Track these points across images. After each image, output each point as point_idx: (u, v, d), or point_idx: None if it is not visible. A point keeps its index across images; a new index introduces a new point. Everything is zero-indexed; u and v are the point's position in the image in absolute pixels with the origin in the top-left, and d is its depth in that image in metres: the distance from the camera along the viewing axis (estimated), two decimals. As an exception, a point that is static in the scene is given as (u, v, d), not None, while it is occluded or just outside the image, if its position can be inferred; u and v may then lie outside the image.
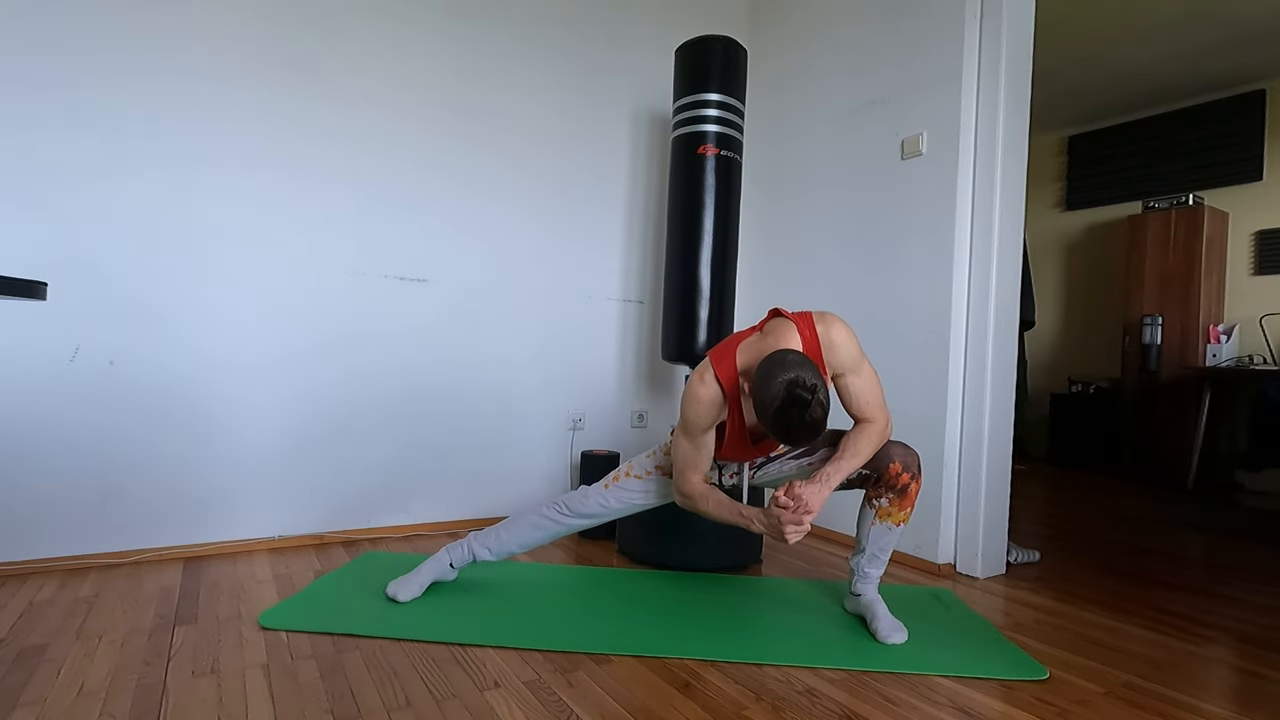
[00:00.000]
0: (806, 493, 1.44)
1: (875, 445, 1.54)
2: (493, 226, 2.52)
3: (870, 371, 1.57)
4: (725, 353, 1.53)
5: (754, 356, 1.47)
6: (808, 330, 1.51)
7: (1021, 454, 4.82)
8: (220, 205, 2.07)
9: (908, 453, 1.60)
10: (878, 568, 1.67)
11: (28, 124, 1.82)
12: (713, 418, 1.53)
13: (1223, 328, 4.17)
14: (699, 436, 1.56)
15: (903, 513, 1.62)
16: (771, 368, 1.33)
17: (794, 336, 1.49)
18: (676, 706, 1.26)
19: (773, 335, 1.50)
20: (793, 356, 1.35)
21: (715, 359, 1.53)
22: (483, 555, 1.77)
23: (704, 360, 1.55)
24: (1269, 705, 1.35)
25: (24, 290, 1.09)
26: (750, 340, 1.53)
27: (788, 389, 1.29)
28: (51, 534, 1.88)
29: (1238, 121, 4.27)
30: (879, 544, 1.64)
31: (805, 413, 1.29)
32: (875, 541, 1.64)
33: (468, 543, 1.78)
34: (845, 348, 1.53)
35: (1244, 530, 2.97)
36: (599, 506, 1.74)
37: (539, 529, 1.76)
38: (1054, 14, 3.57)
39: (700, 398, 1.51)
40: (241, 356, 2.11)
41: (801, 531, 1.44)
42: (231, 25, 2.06)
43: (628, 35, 2.81)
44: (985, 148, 2.12)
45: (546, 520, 1.76)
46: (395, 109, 2.32)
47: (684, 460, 1.59)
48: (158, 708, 1.18)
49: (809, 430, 1.31)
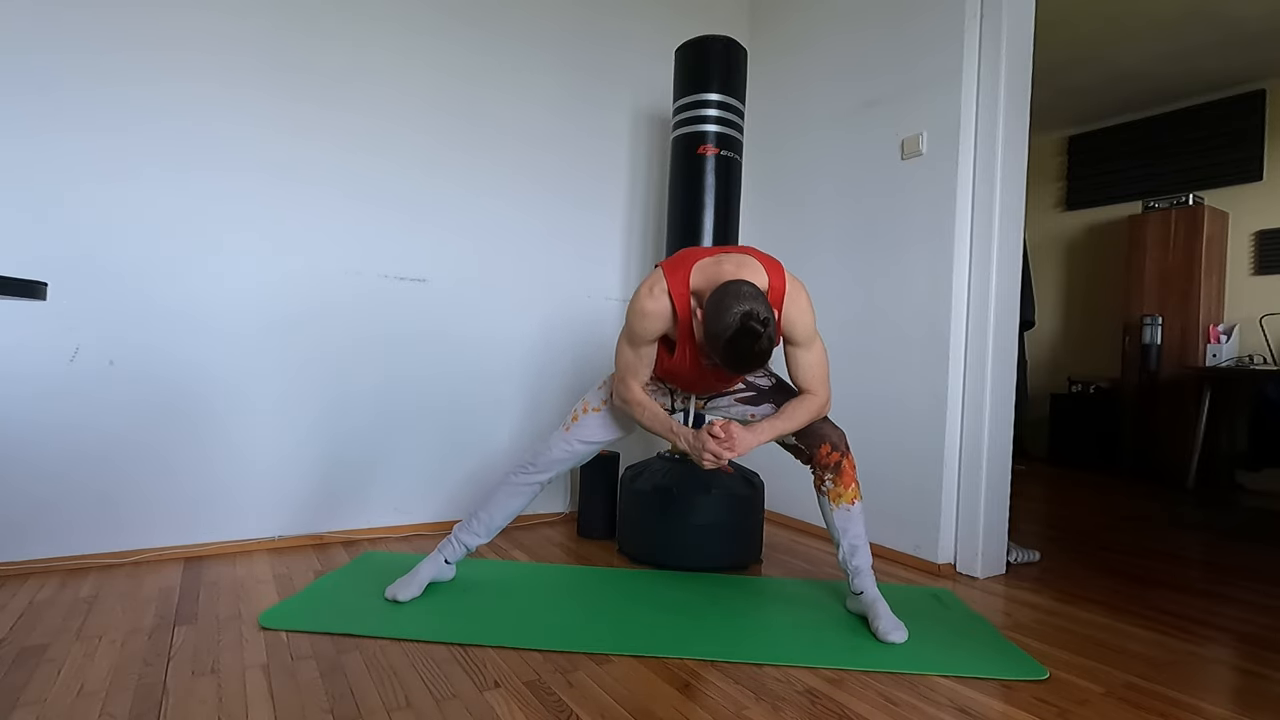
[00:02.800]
0: (739, 433, 1.55)
1: (811, 417, 1.62)
2: (492, 226, 2.52)
3: (821, 347, 1.62)
4: (680, 268, 1.53)
5: (710, 280, 1.47)
6: (778, 283, 1.53)
7: (1021, 454, 4.83)
8: (220, 205, 2.07)
9: (834, 431, 1.68)
10: (863, 558, 1.67)
11: (27, 123, 1.82)
12: (657, 330, 1.56)
13: (1223, 328, 4.17)
14: (641, 346, 1.59)
15: (848, 490, 1.67)
16: (726, 297, 1.36)
17: (762, 277, 1.51)
18: (676, 706, 1.26)
19: (732, 265, 1.50)
20: (747, 289, 1.37)
21: (670, 273, 1.53)
22: (473, 541, 1.77)
23: (656, 271, 1.55)
24: (1269, 705, 1.35)
25: (24, 290, 1.09)
26: (707, 262, 1.52)
27: (742, 320, 1.32)
28: (51, 534, 1.88)
29: (1238, 121, 4.28)
30: (846, 529, 1.67)
31: (755, 344, 1.34)
32: (842, 527, 1.68)
33: (454, 535, 1.78)
34: (804, 318, 1.56)
35: (1244, 530, 2.97)
36: (564, 452, 1.74)
37: (517, 494, 1.76)
38: (1054, 14, 3.57)
39: (647, 311, 1.53)
40: (241, 356, 2.10)
41: (718, 464, 1.54)
42: (232, 26, 2.06)
43: (627, 35, 2.81)
44: (985, 148, 2.12)
45: (520, 483, 1.75)
46: (396, 109, 2.32)
47: (625, 367, 1.62)
48: (158, 708, 1.18)
49: (757, 360, 1.36)
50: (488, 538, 1.79)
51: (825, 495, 1.69)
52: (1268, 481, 4.05)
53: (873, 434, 2.38)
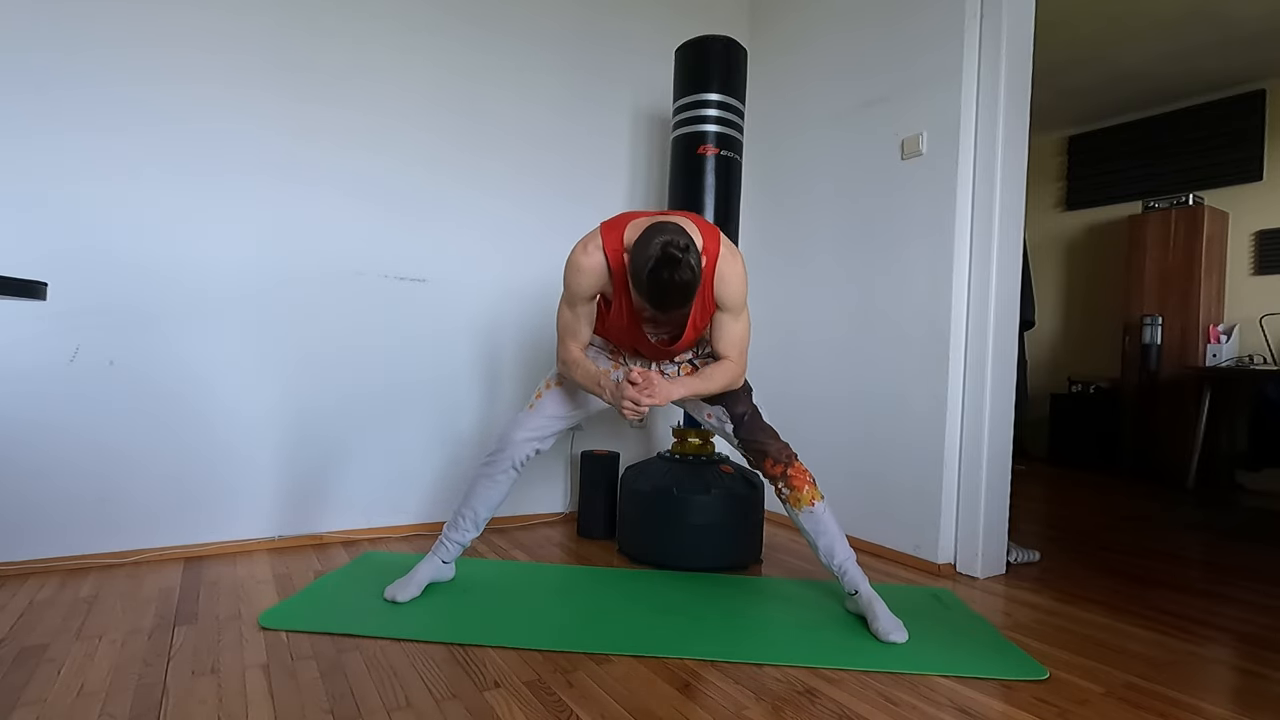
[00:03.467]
0: (658, 380, 1.54)
1: (725, 382, 1.64)
2: (492, 225, 2.52)
3: (747, 320, 1.65)
4: (616, 226, 1.55)
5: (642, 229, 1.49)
6: (711, 246, 1.54)
7: (1021, 454, 4.83)
8: (220, 204, 2.07)
9: (774, 444, 1.71)
10: (842, 554, 1.68)
11: (27, 122, 1.82)
12: (592, 286, 1.57)
13: (1223, 328, 4.17)
14: (579, 305, 1.61)
15: (804, 492, 1.69)
16: (649, 231, 1.37)
17: (695, 235, 1.51)
18: (676, 706, 1.26)
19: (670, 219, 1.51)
20: (671, 225, 1.38)
21: (605, 229, 1.55)
22: (464, 537, 1.77)
23: (594, 229, 1.58)
24: (1269, 705, 1.35)
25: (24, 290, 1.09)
26: (643, 220, 1.54)
27: (662, 248, 1.32)
28: (51, 534, 1.88)
29: (1238, 121, 4.27)
30: (816, 529, 1.69)
31: (675, 271, 1.33)
32: (811, 529, 1.70)
33: (445, 535, 1.78)
34: (735, 285, 1.57)
35: (1244, 530, 2.97)
36: (528, 431, 1.73)
37: (494, 483, 1.74)
38: (1054, 14, 3.57)
39: (581, 266, 1.54)
40: (242, 356, 2.10)
41: (637, 413, 1.53)
42: (232, 24, 2.06)
43: (628, 34, 2.81)
44: (985, 148, 2.12)
45: (494, 472, 1.74)
46: (396, 108, 2.32)
47: (564, 328, 1.65)
48: (158, 708, 1.18)
49: (678, 292, 1.36)
50: (477, 531, 1.78)
51: (786, 503, 1.72)
52: (1268, 481, 4.05)
53: (873, 434, 2.38)
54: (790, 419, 2.73)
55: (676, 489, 2.07)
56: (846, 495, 2.47)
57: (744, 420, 1.74)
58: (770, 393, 2.84)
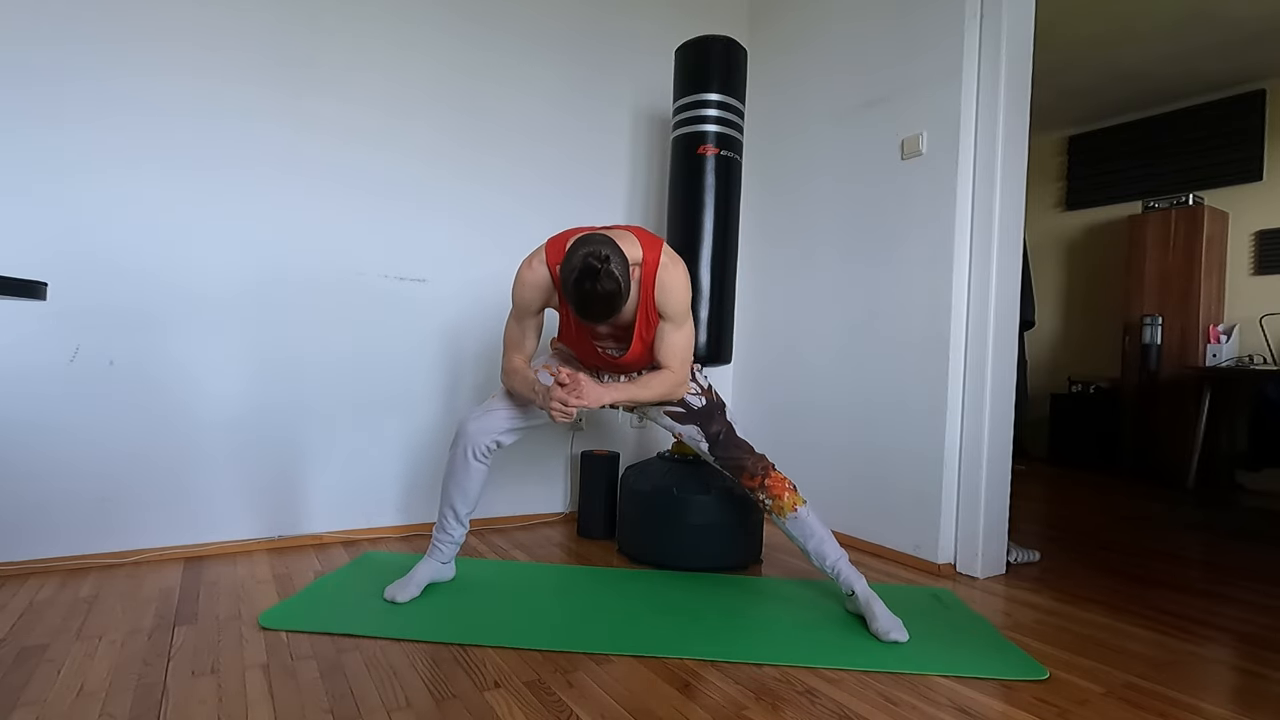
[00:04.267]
0: (586, 383, 1.54)
1: (663, 391, 1.66)
2: (492, 225, 2.52)
3: (689, 330, 1.68)
4: (560, 241, 1.58)
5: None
6: (651, 256, 1.56)
7: (1021, 454, 4.82)
8: (220, 203, 2.06)
9: (749, 458, 1.75)
10: (833, 554, 1.69)
11: (27, 121, 1.82)
12: (536, 300, 1.60)
13: (1223, 328, 4.17)
14: (525, 319, 1.64)
15: (785, 499, 1.71)
16: (576, 243, 1.40)
17: (633, 248, 1.54)
18: (676, 706, 1.26)
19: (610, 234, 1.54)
20: (598, 237, 1.40)
21: (550, 244, 1.59)
22: (454, 534, 1.76)
23: (540, 245, 1.61)
24: (1269, 705, 1.35)
25: (24, 290, 1.09)
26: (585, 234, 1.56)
27: (584, 259, 1.35)
28: (51, 534, 1.88)
29: (1238, 121, 4.27)
30: (803, 534, 1.71)
31: (597, 282, 1.35)
32: (798, 534, 1.71)
33: (435, 537, 1.78)
34: (676, 294, 1.59)
35: (1244, 530, 2.97)
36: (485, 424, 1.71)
37: (464, 474, 1.72)
38: (1054, 14, 3.57)
39: (525, 280, 1.59)
40: (242, 355, 2.10)
41: (565, 414, 1.53)
42: (232, 21, 2.06)
43: (628, 33, 2.81)
44: (985, 148, 2.12)
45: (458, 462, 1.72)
46: (396, 104, 2.32)
47: (509, 340, 1.69)
48: (158, 708, 1.18)
49: (600, 303, 1.37)
50: (463, 526, 1.77)
51: (770, 513, 1.74)
52: (1268, 481, 4.05)
53: (873, 434, 2.38)
54: (790, 419, 2.73)
55: (676, 489, 2.07)
56: (846, 495, 2.47)
57: (719, 439, 1.77)
58: (770, 392, 2.84)
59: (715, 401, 1.81)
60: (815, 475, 2.60)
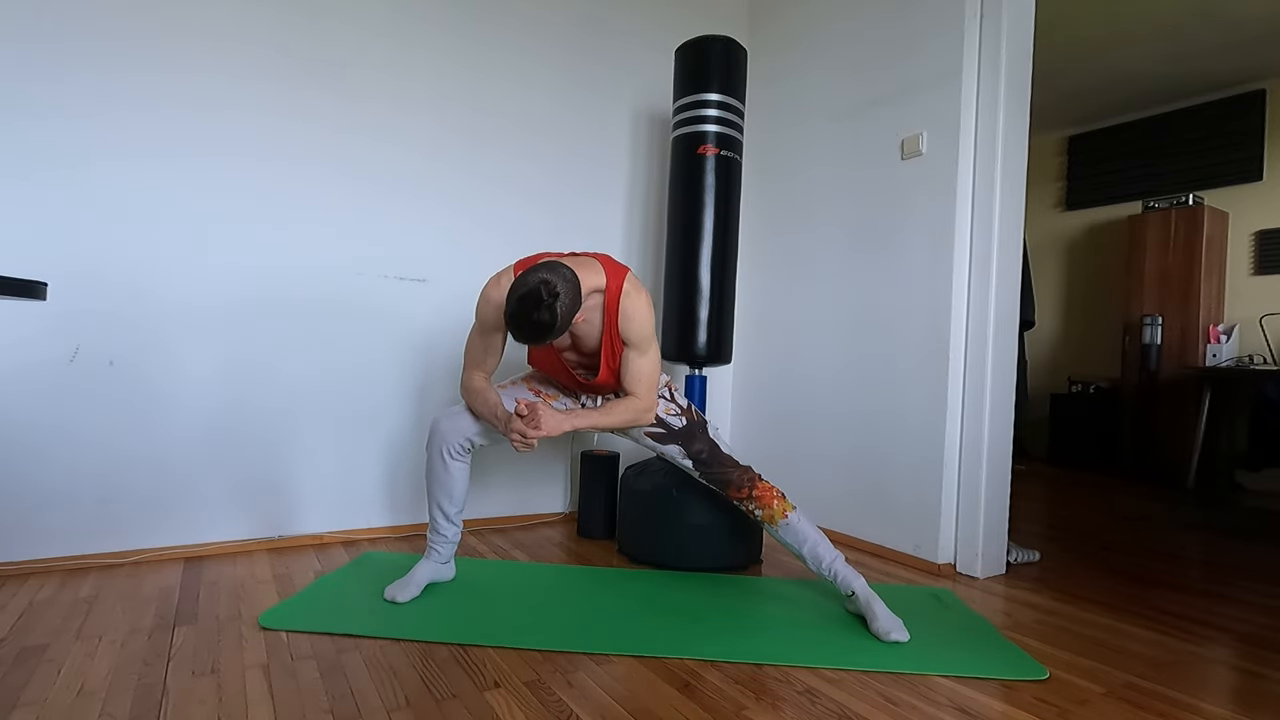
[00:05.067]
0: (545, 413, 1.55)
1: (627, 418, 1.66)
2: (493, 225, 2.52)
3: (655, 356, 1.68)
4: (529, 263, 1.60)
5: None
6: (615, 284, 1.58)
7: (1021, 454, 4.82)
8: (220, 201, 2.06)
9: (733, 470, 1.76)
10: (828, 556, 1.70)
11: (27, 119, 1.82)
12: (499, 319, 1.61)
13: (1223, 328, 4.17)
14: (487, 334, 1.65)
15: (775, 507, 1.74)
16: (537, 266, 1.42)
17: (596, 276, 1.56)
18: (676, 706, 1.26)
19: (574, 262, 1.56)
20: (562, 269, 1.42)
21: (518, 266, 1.61)
22: (448, 533, 1.76)
23: (509, 265, 1.63)
24: (1269, 705, 1.35)
25: (24, 290, 1.09)
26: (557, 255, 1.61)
27: (537, 284, 1.37)
28: (51, 534, 1.88)
29: (1238, 121, 4.27)
30: (796, 539, 1.73)
31: (534, 311, 1.36)
32: (791, 541, 1.73)
33: (429, 540, 1.78)
34: (639, 322, 1.60)
35: (1244, 530, 2.97)
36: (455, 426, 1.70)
37: (443, 473, 1.72)
38: (1054, 14, 3.57)
39: (490, 297, 1.60)
40: (242, 355, 2.10)
41: (526, 445, 1.54)
42: (233, 18, 2.06)
43: (628, 30, 2.81)
44: (985, 148, 2.12)
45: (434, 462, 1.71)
46: (397, 100, 2.32)
47: (470, 357, 1.69)
48: (158, 708, 1.18)
49: (530, 327, 1.38)
50: (454, 524, 1.77)
51: (761, 522, 1.76)
52: (1268, 481, 4.05)
53: (873, 434, 2.38)
54: (790, 419, 2.73)
55: (676, 489, 2.07)
56: (846, 495, 2.47)
57: (703, 458, 1.79)
58: (770, 392, 2.84)
59: (696, 420, 1.82)
60: (815, 475, 2.60)
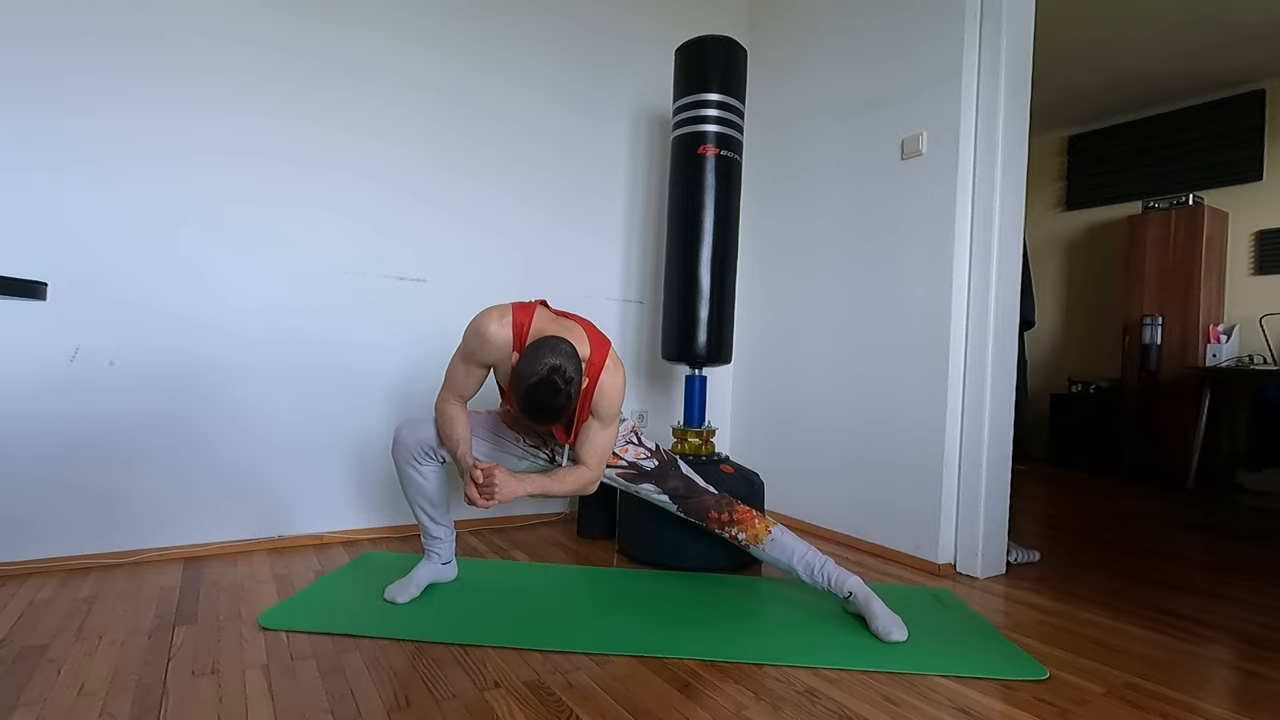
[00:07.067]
0: (501, 479, 1.53)
1: (575, 487, 1.66)
2: (493, 225, 2.52)
3: (613, 432, 1.69)
4: (529, 310, 1.60)
5: (539, 330, 1.56)
6: (598, 358, 1.60)
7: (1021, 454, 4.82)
8: (221, 201, 2.06)
9: (710, 497, 1.81)
10: (817, 563, 1.71)
11: (27, 118, 1.82)
12: (489, 357, 1.60)
13: (1223, 328, 4.17)
14: (472, 365, 1.63)
15: (757, 527, 1.77)
16: (543, 348, 1.42)
17: (583, 346, 1.58)
18: (676, 706, 1.26)
19: (565, 329, 1.58)
20: (566, 347, 1.44)
21: (519, 309, 1.59)
22: (438, 534, 1.76)
23: (508, 304, 1.61)
24: (1269, 705, 1.35)
25: (24, 290, 1.09)
26: (551, 315, 1.62)
27: (550, 371, 1.39)
28: (51, 534, 1.88)
29: (1238, 121, 4.27)
30: (787, 553, 1.74)
31: (554, 398, 1.39)
32: (780, 558, 1.75)
33: (424, 543, 1.78)
34: (611, 400, 1.63)
35: (1244, 530, 2.97)
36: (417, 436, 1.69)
37: (424, 476, 1.70)
38: (1054, 14, 3.57)
39: (486, 335, 1.57)
40: (242, 355, 2.10)
41: (480, 505, 1.52)
42: (232, 18, 2.06)
43: (628, 31, 2.81)
44: (985, 147, 2.12)
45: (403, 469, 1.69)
46: (396, 100, 2.32)
47: (450, 380, 1.65)
48: (158, 708, 1.18)
49: (548, 414, 1.42)
50: (441, 524, 1.76)
51: (745, 545, 1.78)
52: (1268, 481, 4.05)
53: (873, 433, 2.38)
54: (790, 419, 2.73)
55: (676, 489, 2.07)
56: (846, 495, 2.47)
57: (679, 493, 1.82)
58: (770, 392, 2.84)
59: (666, 460, 1.84)
60: (815, 477, 2.60)
